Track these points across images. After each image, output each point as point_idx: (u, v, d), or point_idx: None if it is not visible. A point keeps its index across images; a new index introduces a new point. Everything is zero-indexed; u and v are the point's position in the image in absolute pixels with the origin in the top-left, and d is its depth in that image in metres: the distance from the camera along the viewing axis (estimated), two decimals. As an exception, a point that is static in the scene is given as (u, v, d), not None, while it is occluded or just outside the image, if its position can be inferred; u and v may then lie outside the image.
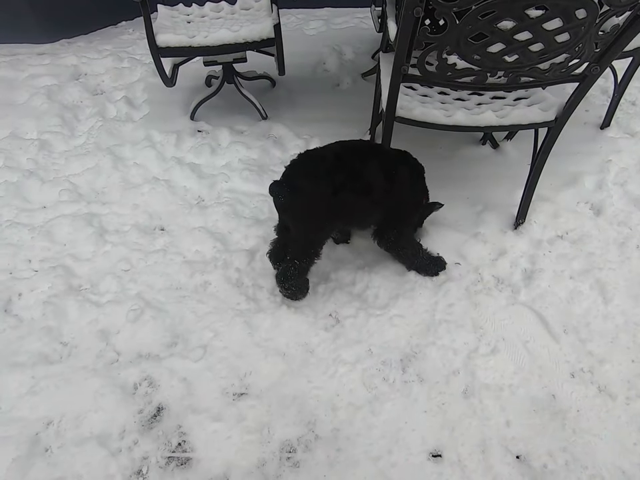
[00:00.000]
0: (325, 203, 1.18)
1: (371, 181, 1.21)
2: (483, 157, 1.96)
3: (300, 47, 2.85)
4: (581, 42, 1.01)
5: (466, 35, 1.00)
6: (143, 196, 1.75)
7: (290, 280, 1.28)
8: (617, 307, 1.35)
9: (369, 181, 1.21)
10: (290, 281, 1.28)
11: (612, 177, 1.78)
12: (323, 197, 1.17)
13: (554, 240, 1.56)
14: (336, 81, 2.50)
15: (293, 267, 1.27)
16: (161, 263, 1.51)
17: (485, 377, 1.20)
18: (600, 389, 1.18)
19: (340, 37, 2.93)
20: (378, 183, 1.22)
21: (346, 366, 1.23)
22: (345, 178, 1.17)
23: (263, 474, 1.04)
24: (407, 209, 1.35)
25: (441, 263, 1.45)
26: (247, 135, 2.09)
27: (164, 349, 1.28)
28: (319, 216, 1.22)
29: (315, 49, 2.77)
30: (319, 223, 1.23)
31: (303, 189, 1.16)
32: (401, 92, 1.41)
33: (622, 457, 1.05)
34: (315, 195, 1.17)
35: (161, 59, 1.80)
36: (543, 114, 1.28)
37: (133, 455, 1.06)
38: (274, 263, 1.42)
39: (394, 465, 1.04)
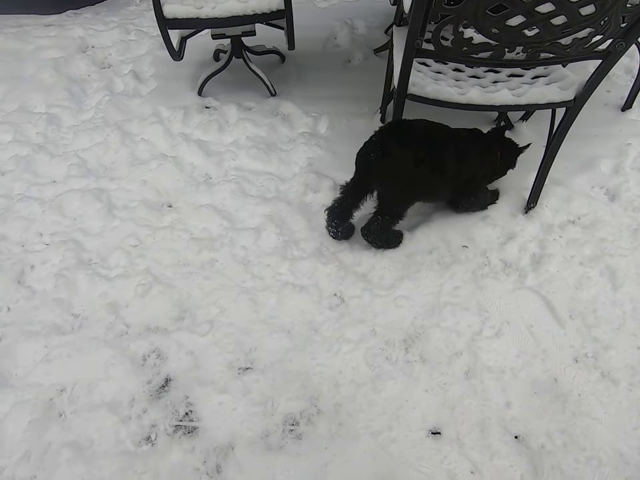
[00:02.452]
0: (412, 172, 1.26)
1: (448, 162, 1.30)
2: (497, 138, 1.90)
3: (310, 20, 2.74)
4: (607, 15, 0.95)
5: (484, 7, 0.95)
6: (150, 172, 1.75)
7: (373, 234, 1.40)
8: (626, 294, 1.34)
9: (447, 160, 1.29)
10: (373, 235, 1.41)
11: (630, 162, 1.73)
12: (412, 166, 1.25)
13: (565, 225, 1.53)
14: (347, 56, 2.42)
15: (376, 223, 1.37)
16: (168, 239, 1.52)
17: (487, 359, 1.21)
18: (603, 374, 1.18)
19: (352, 10, 2.82)
20: (453, 165, 1.31)
21: (349, 344, 1.24)
22: (429, 154, 1.26)
23: (266, 444, 1.08)
24: (480, 179, 1.44)
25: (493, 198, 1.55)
26: (255, 112, 2.05)
27: (172, 323, 1.31)
28: (407, 183, 1.30)
29: (326, 23, 2.67)
30: (407, 189, 1.33)
31: (400, 153, 1.24)
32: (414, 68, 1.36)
33: (621, 441, 1.06)
34: (406, 162, 1.25)
35: (168, 31, 1.75)
36: (562, 93, 1.23)
37: (142, 422, 1.11)
38: (332, 221, 1.46)
39: (394, 441, 1.07)
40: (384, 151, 1.25)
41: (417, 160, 1.24)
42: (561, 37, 1.01)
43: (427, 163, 1.25)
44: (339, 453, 1.06)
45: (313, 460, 1.05)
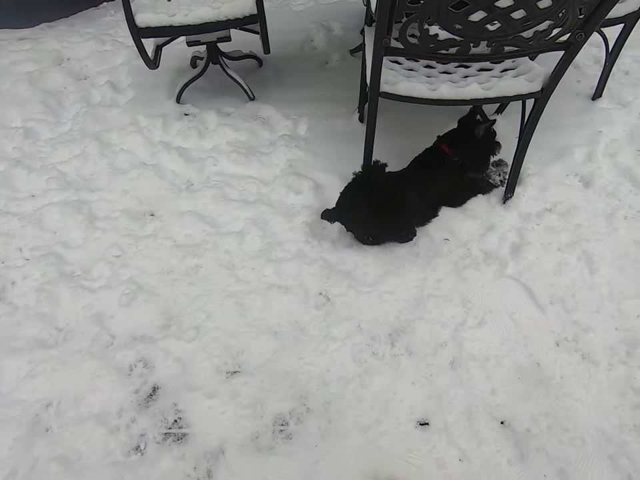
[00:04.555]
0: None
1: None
2: (474, 132, 1.94)
3: (287, 23, 2.77)
4: (564, 7, 0.98)
5: (447, 4, 0.98)
6: (131, 181, 1.74)
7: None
8: (602, 277, 1.37)
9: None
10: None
11: (602, 149, 1.77)
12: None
13: (542, 213, 1.57)
14: (324, 58, 2.45)
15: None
16: (151, 247, 1.52)
17: (471, 348, 1.23)
18: (583, 356, 1.21)
19: (328, 12, 2.84)
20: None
21: (336, 342, 1.25)
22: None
23: (256, 446, 1.08)
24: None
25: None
26: (235, 117, 2.06)
27: (158, 331, 1.30)
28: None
29: (302, 26, 2.69)
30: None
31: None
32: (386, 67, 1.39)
33: (602, 420, 1.09)
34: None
35: (141, 41, 1.75)
36: (529, 84, 1.26)
37: (131, 432, 1.10)
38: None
39: (383, 434, 1.08)
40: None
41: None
42: (522, 30, 1.04)
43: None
44: (330, 450, 1.07)
45: (303, 459, 1.05)
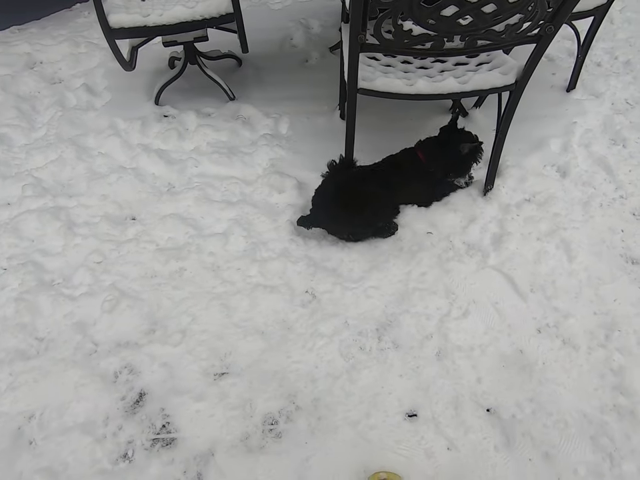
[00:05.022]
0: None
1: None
2: (453, 125, 1.96)
3: (265, 22, 2.76)
4: (533, 1, 1.00)
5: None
6: (110, 186, 1.71)
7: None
8: (580, 263, 1.41)
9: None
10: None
11: (577, 139, 1.82)
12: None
13: (521, 203, 1.60)
14: (304, 56, 2.44)
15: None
16: (133, 252, 1.49)
17: (456, 338, 1.25)
18: (564, 341, 1.24)
19: (306, 10, 2.84)
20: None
21: (323, 339, 1.26)
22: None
23: (246, 446, 1.08)
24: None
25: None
26: (215, 117, 2.04)
27: (142, 337, 1.28)
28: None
29: (281, 24, 2.68)
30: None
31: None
32: (363, 63, 1.40)
33: (584, 402, 1.12)
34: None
35: (115, 42, 1.72)
36: (504, 77, 1.28)
37: (118, 440, 1.08)
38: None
39: (372, 428, 1.09)
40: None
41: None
42: (493, 24, 1.06)
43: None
44: (320, 447, 1.07)
45: (294, 456, 1.05)
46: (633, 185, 1.65)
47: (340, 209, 1.40)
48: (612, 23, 2.61)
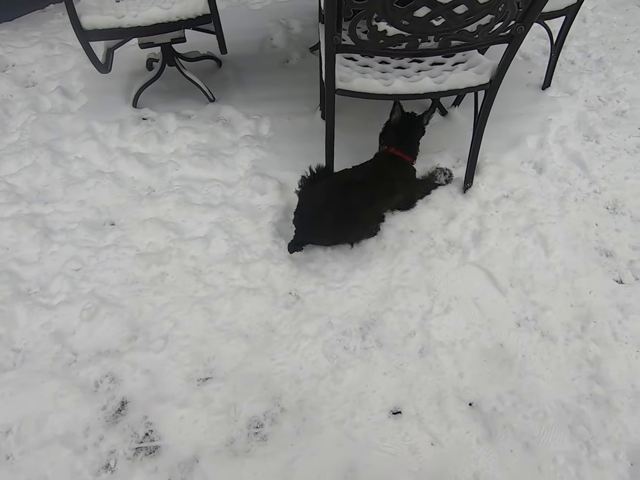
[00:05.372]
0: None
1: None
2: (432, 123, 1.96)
3: (245, 22, 2.74)
4: (503, 2, 1.02)
5: (391, 0, 1.00)
6: (88, 191, 1.67)
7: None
8: (557, 257, 1.45)
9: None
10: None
11: (552, 136, 1.87)
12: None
13: (500, 200, 1.63)
14: (285, 56, 2.44)
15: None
16: (113, 258, 1.46)
17: (439, 335, 1.27)
18: (543, 334, 1.27)
19: (286, 10, 2.83)
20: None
21: (307, 340, 1.26)
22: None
23: (232, 450, 1.07)
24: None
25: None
26: (195, 120, 2.02)
27: (124, 344, 1.26)
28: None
29: (261, 24, 2.67)
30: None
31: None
32: (341, 63, 1.40)
33: (562, 392, 1.15)
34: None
35: (89, 44, 1.68)
36: (478, 77, 1.30)
37: (99, 451, 1.06)
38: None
39: (357, 426, 1.10)
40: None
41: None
42: (465, 24, 1.08)
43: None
44: (305, 447, 1.07)
45: (279, 459, 1.05)
46: (605, 180, 1.70)
47: (331, 227, 1.40)
48: (584, 21, 2.68)
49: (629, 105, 2.02)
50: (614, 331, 1.26)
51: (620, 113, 2.00)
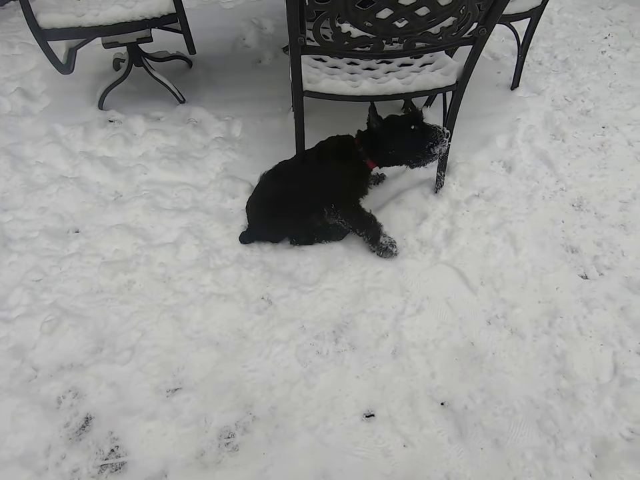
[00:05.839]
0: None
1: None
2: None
3: (217, 21, 2.69)
4: (464, 4, 1.03)
5: (353, 1, 0.99)
6: (50, 197, 1.61)
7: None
8: (525, 255, 1.47)
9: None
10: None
11: (521, 135, 1.90)
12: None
13: (471, 199, 1.65)
14: (257, 56, 2.41)
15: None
16: (77, 267, 1.41)
17: (411, 335, 1.27)
18: (512, 331, 1.30)
19: (259, 9, 2.80)
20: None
21: (280, 345, 1.24)
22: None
23: (202, 463, 1.04)
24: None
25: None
26: (164, 122, 1.97)
27: (88, 357, 1.21)
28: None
29: (233, 24, 2.63)
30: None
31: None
32: (309, 65, 1.39)
33: (530, 388, 1.17)
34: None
35: (47, 43, 1.61)
36: (445, 78, 1.31)
37: (61, 470, 1.02)
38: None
39: (330, 431, 1.09)
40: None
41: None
42: (428, 26, 1.08)
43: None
44: (278, 455, 1.05)
45: (251, 468, 1.03)
46: (571, 178, 1.75)
47: (262, 215, 1.43)
48: (551, 23, 2.75)
49: (592, 105, 2.08)
50: (579, 326, 1.29)
51: (585, 112, 2.06)
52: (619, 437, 1.07)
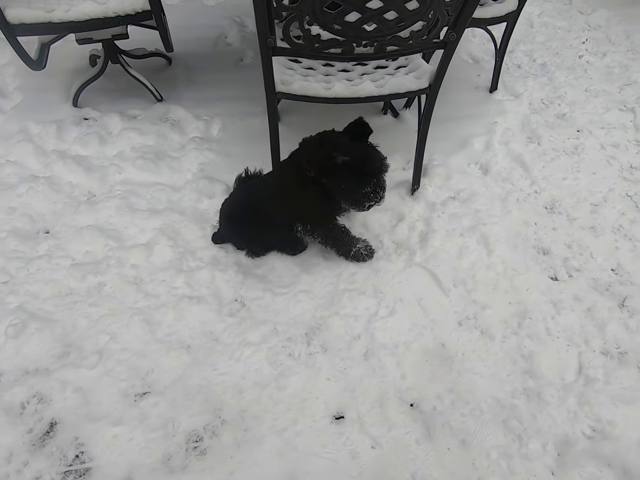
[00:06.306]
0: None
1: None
2: (385, 125, 2.00)
3: (199, 19, 2.65)
4: (431, 9, 1.04)
5: (320, 3, 0.98)
6: (20, 197, 1.57)
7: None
8: (498, 257, 1.49)
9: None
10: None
11: (498, 137, 1.93)
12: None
13: (447, 201, 1.67)
14: (239, 55, 2.38)
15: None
16: (45, 269, 1.38)
17: (383, 337, 1.28)
18: (482, 332, 1.31)
19: (242, 7, 2.76)
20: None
21: (251, 348, 1.24)
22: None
23: (168, 468, 1.03)
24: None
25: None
26: (141, 120, 1.93)
27: (54, 361, 1.19)
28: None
29: (215, 22, 2.59)
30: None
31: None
32: (284, 66, 1.38)
33: (497, 389, 1.19)
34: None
35: (17, 39, 1.57)
36: (418, 81, 1.32)
37: (23, 477, 1.00)
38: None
39: (298, 434, 1.09)
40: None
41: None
42: (397, 30, 1.08)
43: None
44: (246, 459, 1.05)
45: (218, 472, 1.03)
46: (545, 181, 1.78)
47: (227, 226, 1.43)
48: (532, 27, 2.79)
49: (568, 108, 2.12)
50: (547, 326, 1.32)
51: (561, 115, 2.09)
52: (580, 435, 1.10)
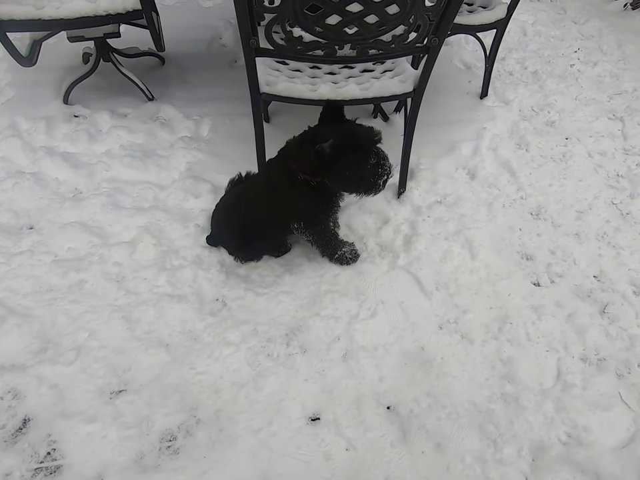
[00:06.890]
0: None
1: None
2: (374, 129, 2.01)
3: (194, 20, 2.67)
4: (412, 13, 1.05)
5: (301, 6, 0.99)
6: (5, 193, 1.57)
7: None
8: (481, 261, 1.50)
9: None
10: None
11: (486, 143, 1.94)
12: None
13: (432, 205, 1.67)
14: (233, 56, 2.39)
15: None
16: (27, 264, 1.37)
17: (362, 339, 1.28)
18: (462, 336, 1.31)
19: (237, 9, 2.79)
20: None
21: (231, 347, 1.23)
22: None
23: (140, 466, 1.03)
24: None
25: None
26: (131, 118, 1.94)
27: (31, 357, 1.18)
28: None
29: (210, 23, 2.61)
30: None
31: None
32: (270, 67, 1.39)
33: (475, 393, 1.19)
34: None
35: (6, 35, 1.57)
36: (402, 85, 1.33)
37: (-8, 474, 0.99)
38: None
39: (273, 435, 1.09)
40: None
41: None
42: (379, 34, 1.09)
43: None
44: (219, 459, 1.05)
45: (190, 472, 1.02)
46: (532, 187, 1.78)
47: (217, 229, 1.43)
48: (525, 35, 2.81)
49: (558, 116, 2.13)
50: (527, 332, 1.32)
51: (550, 123, 2.11)
52: (556, 441, 1.10)
